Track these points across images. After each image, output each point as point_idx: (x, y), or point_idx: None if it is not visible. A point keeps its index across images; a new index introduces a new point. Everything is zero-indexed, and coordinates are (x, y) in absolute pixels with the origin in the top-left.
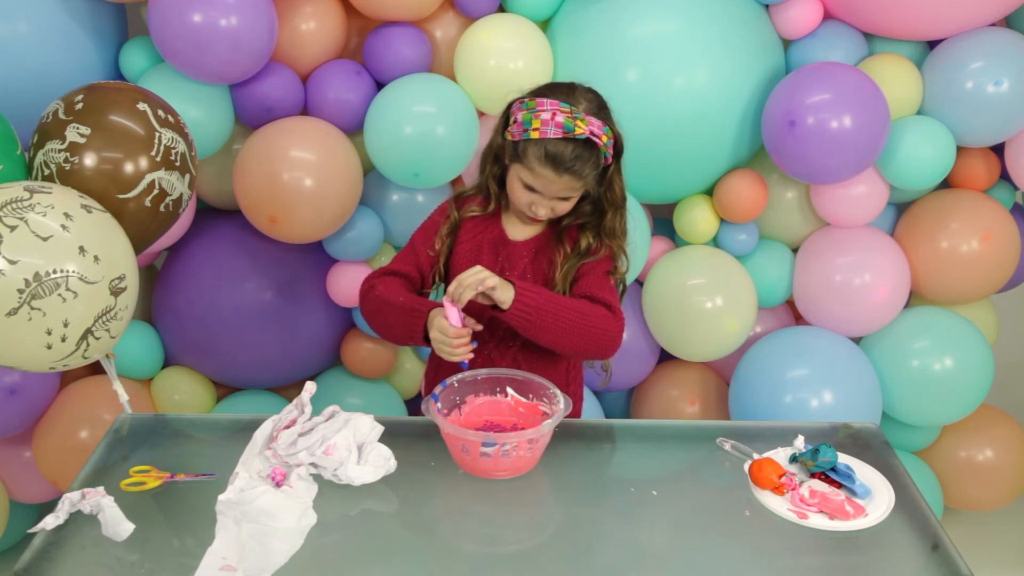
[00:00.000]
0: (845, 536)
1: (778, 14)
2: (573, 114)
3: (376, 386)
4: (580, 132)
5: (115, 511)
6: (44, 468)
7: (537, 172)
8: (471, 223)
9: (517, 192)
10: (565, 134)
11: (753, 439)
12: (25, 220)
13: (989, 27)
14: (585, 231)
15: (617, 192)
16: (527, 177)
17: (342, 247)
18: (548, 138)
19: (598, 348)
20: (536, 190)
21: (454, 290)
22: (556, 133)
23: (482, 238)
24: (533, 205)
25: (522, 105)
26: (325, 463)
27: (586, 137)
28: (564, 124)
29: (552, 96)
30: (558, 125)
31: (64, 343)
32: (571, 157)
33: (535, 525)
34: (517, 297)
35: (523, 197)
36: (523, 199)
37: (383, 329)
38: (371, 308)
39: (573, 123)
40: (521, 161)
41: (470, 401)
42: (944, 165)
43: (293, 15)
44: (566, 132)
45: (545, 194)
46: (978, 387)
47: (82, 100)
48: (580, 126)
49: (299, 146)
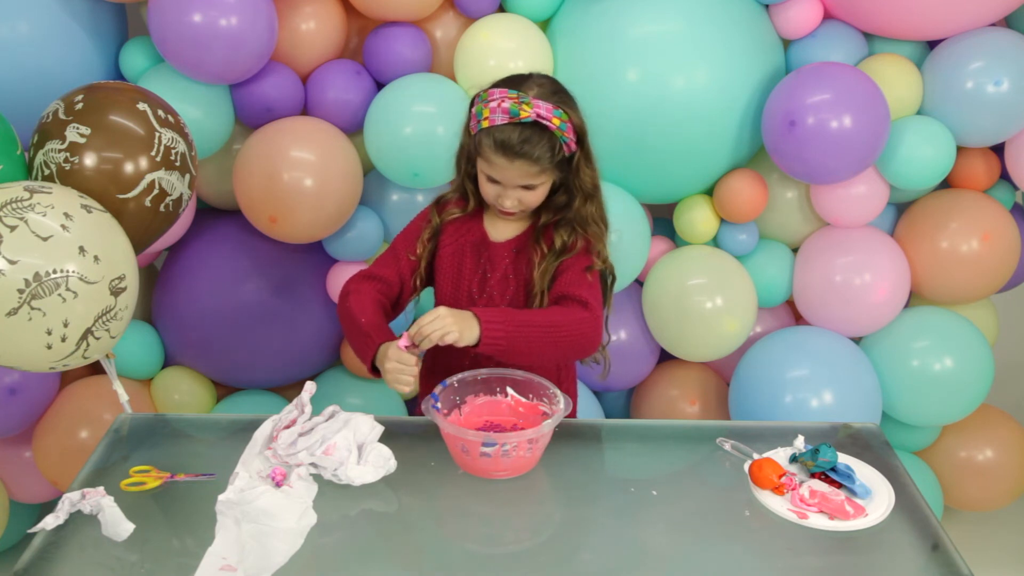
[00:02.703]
0: (845, 536)
1: (778, 14)
2: (519, 99)
3: (376, 386)
4: (525, 115)
5: (115, 511)
6: (44, 468)
7: (492, 161)
8: (453, 226)
9: (484, 187)
10: (511, 119)
11: (753, 439)
12: (25, 220)
13: (989, 27)
14: (560, 228)
15: (585, 180)
16: (486, 168)
17: (342, 247)
18: (496, 125)
19: (576, 352)
20: (497, 181)
21: (414, 334)
22: (503, 119)
23: (464, 240)
24: (499, 198)
25: (478, 99)
26: (325, 463)
27: (533, 120)
28: (510, 109)
29: (504, 86)
30: (504, 111)
31: (64, 343)
32: (519, 141)
33: (535, 525)
34: (484, 332)
35: (489, 191)
36: (490, 193)
37: (348, 338)
38: (341, 315)
39: (519, 107)
40: (480, 153)
41: (470, 401)
42: (944, 165)
43: (293, 15)
44: (511, 117)
45: (505, 184)
46: (978, 387)
47: (82, 100)
48: (525, 109)
49: (299, 146)
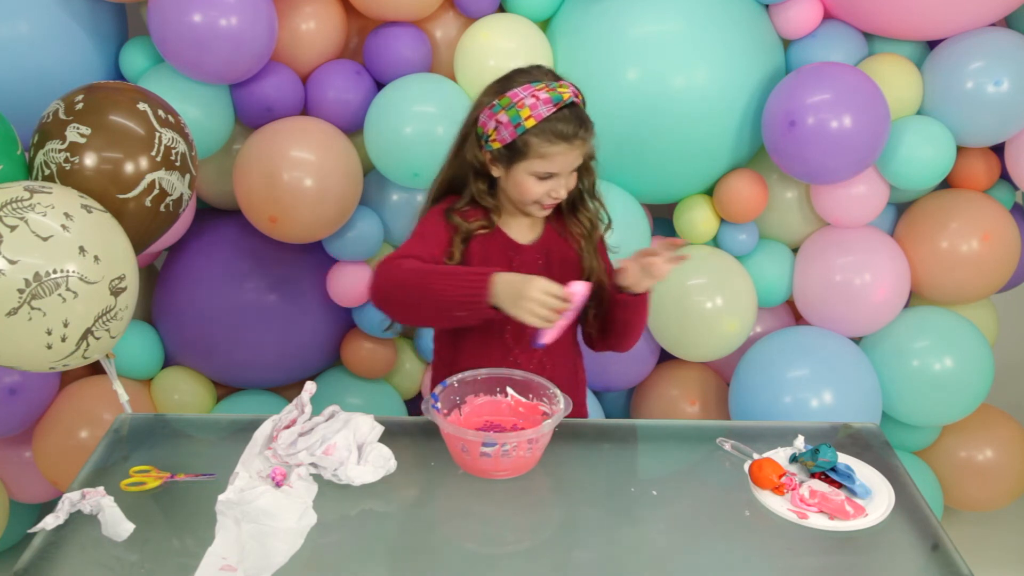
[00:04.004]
0: (845, 536)
1: (778, 14)
2: (550, 86)
3: (376, 386)
4: (567, 96)
5: (115, 511)
6: (44, 468)
7: (551, 153)
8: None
9: (530, 188)
10: (555, 105)
11: (753, 439)
12: (25, 220)
13: (989, 27)
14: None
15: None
16: (540, 166)
17: (342, 247)
18: (546, 117)
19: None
20: (553, 173)
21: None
22: (550, 110)
23: (488, 248)
24: (552, 191)
25: (493, 109)
26: (325, 463)
27: (571, 101)
28: (552, 98)
29: (515, 86)
30: (546, 101)
31: (64, 343)
32: (576, 123)
33: (535, 525)
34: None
35: (538, 189)
36: (538, 191)
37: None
38: (401, 280)
39: (558, 93)
40: (526, 156)
41: (470, 401)
42: (944, 165)
43: (293, 15)
44: (555, 103)
45: (561, 172)
46: (978, 387)
47: (82, 100)
48: (564, 92)
49: (299, 146)
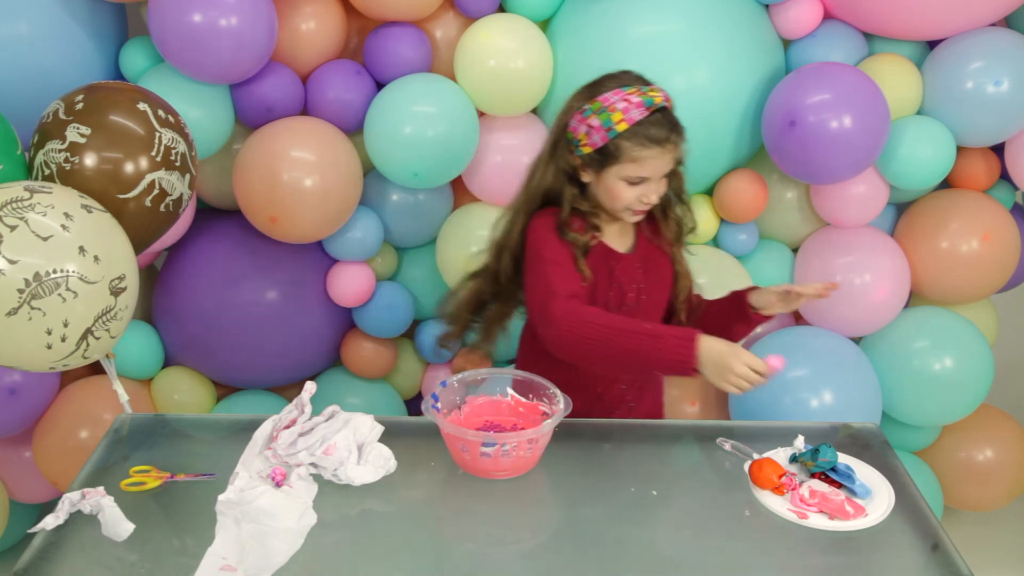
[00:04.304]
0: (845, 536)
1: (778, 14)
2: (642, 90)
3: (376, 386)
4: (659, 101)
5: (115, 511)
6: (44, 468)
7: (643, 157)
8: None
9: (621, 193)
10: (648, 109)
11: (753, 439)
12: (25, 220)
13: (989, 27)
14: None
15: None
16: (632, 170)
17: (342, 247)
18: (638, 121)
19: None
20: (645, 178)
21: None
22: (642, 114)
23: (589, 255)
24: (644, 196)
25: (584, 114)
26: (325, 463)
27: (663, 105)
28: (644, 102)
29: (605, 91)
30: (638, 105)
31: (64, 343)
32: (668, 127)
33: (535, 525)
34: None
35: (629, 194)
36: (630, 196)
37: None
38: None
39: (650, 97)
40: (618, 160)
41: (470, 401)
42: (944, 165)
43: (293, 15)
44: (648, 107)
45: (653, 176)
46: (978, 387)
47: (82, 100)
48: (656, 96)
49: (299, 146)
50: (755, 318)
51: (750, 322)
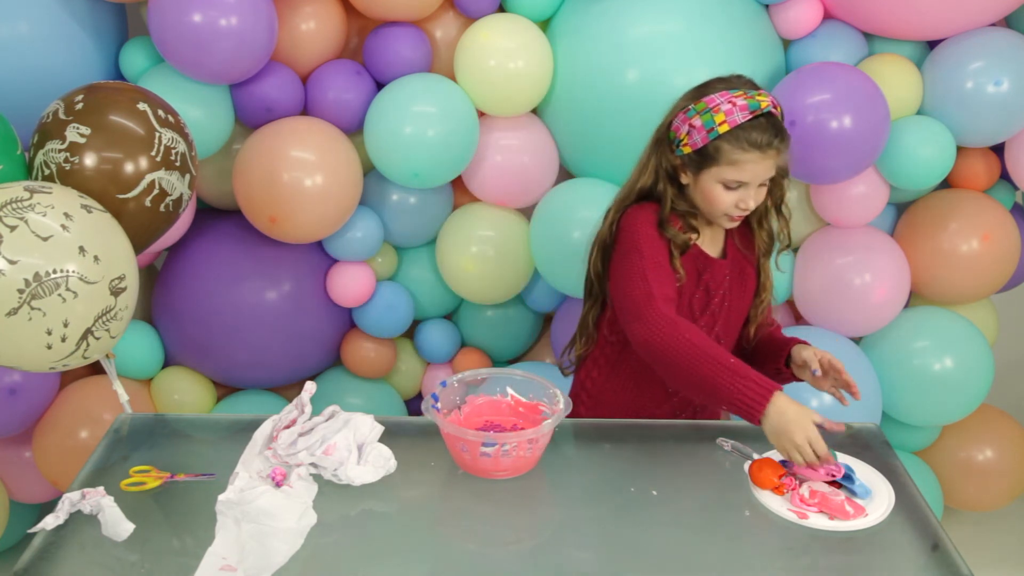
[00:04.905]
0: (845, 536)
1: (778, 14)
2: (748, 94)
3: (376, 386)
4: (765, 105)
5: (115, 511)
6: (44, 468)
7: (742, 161)
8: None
9: (718, 197)
10: (752, 113)
11: (753, 439)
12: (25, 220)
13: (989, 27)
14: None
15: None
16: (730, 173)
17: (342, 247)
18: (741, 124)
19: None
20: (743, 183)
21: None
22: (745, 117)
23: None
24: (741, 202)
25: (688, 114)
26: (325, 463)
27: (769, 111)
28: (749, 105)
29: (712, 92)
30: (743, 108)
31: (64, 343)
32: (772, 132)
33: (535, 525)
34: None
35: (726, 199)
36: (726, 201)
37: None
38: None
39: (756, 101)
40: (716, 162)
41: (470, 401)
42: (944, 165)
43: (293, 15)
44: (752, 111)
45: (752, 182)
46: (978, 387)
47: (82, 100)
48: (763, 101)
49: (299, 146)
50: (784, 372)
51: (778, 373)
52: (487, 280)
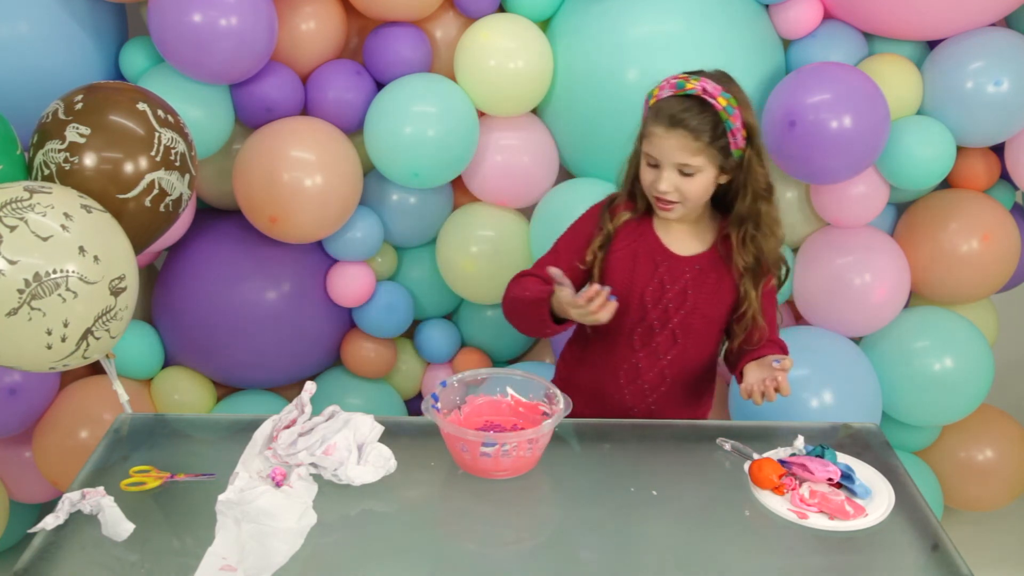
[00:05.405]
0: (845, 536)
1: (778, 14)
2: (688, 76)
3: (376, 386)
4: (691, 87)
5: (115, 511)
6: (44, 468)
7: (652, 133)
8: (624, 230)
9: (643, 174)
10: (675, 91)
11: (753, 439)
12: (25, 220)
13: (989, 27)
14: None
15: (759, 180)
16: (647, 147)
17: (342, 247)
18: (662, 98)
19: None
20: (656, 160)
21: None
22: (668, 92)
23: (637, 246)
24: (656, 182)
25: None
26: (325, 463)
27: (698, 94)
28: (676, 83)
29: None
30: (671, 86)
31: (64, 343)
32: (680, 109)
33: (535, 525)
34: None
35: (647, 177)
36: (647, 179)
37: (520, 326)
38: (506, 310)
39: (685, 81)
40: (644, 133)
41: (470, 401)
42: (944, 165)
43: (293, 15)
44: (677, 89)
45: (662, 161)
46: (978, 387)
47: (82, 100)
48: (691, 83)
49: (299, 146)
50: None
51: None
52: (487, 280)
